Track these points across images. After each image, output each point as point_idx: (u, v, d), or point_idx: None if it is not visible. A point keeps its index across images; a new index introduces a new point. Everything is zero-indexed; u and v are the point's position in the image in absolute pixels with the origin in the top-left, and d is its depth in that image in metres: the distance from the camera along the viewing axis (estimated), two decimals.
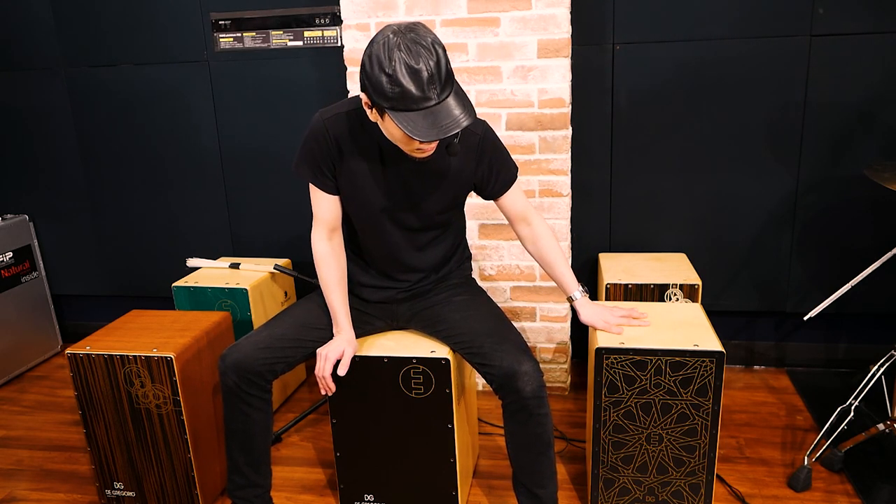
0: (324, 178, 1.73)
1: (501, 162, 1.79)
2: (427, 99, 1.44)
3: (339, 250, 1.83)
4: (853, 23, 2.37)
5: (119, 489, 2.06)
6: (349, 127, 1.68)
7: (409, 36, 1.44)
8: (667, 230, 2.67)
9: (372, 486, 1.96)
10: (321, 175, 1.72)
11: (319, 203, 1.77)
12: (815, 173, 2.52)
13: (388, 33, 1.45)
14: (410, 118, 1.45)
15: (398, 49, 1.42)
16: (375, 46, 1.45)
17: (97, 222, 3.10)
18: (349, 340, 1.80)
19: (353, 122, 1.68)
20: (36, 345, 3.14)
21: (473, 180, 1.79)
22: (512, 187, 1.82)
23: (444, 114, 1.46)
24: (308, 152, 1.71)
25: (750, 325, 2.78)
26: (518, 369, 1.65)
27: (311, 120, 1.70)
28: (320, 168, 1.71)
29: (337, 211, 1.79)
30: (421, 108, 1.45)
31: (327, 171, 1.72)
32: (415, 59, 1.42)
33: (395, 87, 1.43)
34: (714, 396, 1.74)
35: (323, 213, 1.78)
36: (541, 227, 1.88)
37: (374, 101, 1.49)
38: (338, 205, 1.78)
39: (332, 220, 1.79)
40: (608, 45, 2.53)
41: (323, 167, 1.71)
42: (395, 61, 1.42)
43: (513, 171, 1.82)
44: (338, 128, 1.68)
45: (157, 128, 2.92)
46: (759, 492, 2.04)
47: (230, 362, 1.72)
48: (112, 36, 2.85)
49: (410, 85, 1.42)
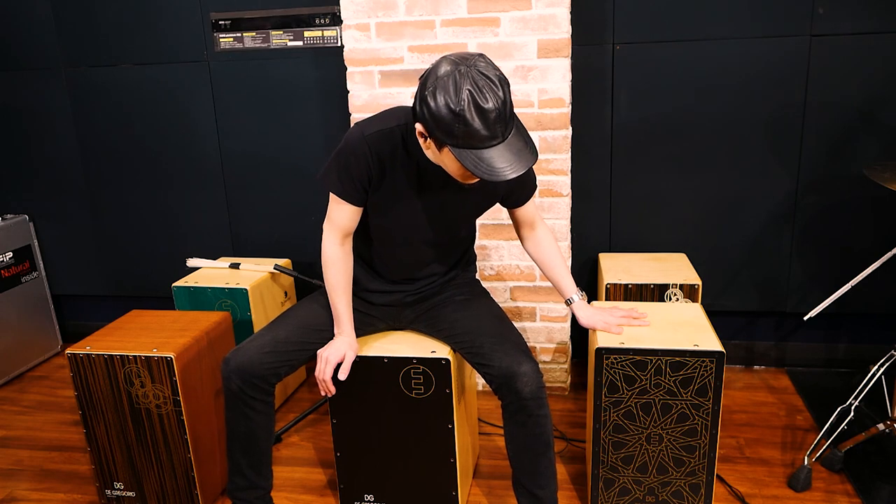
0: (354, 192, 1.69)
1: (528, 175, 1.80)
2: (493, 138, 1.43)
3: (349, 255, 1.81)
4: (853, 23, 2.37)
5: (119, 489, 2.06)
6: (391, 145, 1.65)
7: (476, 71, 1.41)
8: (667, 230, 2.67)
9: (372, 486, 1.96)
10: (352, 188, 1.68)
11: (341, 212, 1.73)
12: (815, 173, 2.52)
13: (452, 66, 1.42)
14: (475, 156, 1.43)
15: (467, 85, 1.39)
16: (440, 80, 1.41)
17: (97, 222, 3.10)
18: (350, 343, 1.79)
19: (395, 140, 1.65)
20: (36, 345, 3.14)
21: (503, 194, 1.80)
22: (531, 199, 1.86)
23: (507, 151, 1.44)
24: (343, 166, 1.66)
25: (750, 325, 2.78)
26: (517, 370, 1.65)
27: (350, 134, 1.65)
28: (353, 183, 1.67)
29: (357, 220, 1.75)
30: (486, 146, 1.43)
31: (360, 186, 1.68)
32: (483, 97, 1.39)
33: (462, 127, 1.40)
34: (714, 396, 1.74)
35: (342, 221, 1.74)
36: (544, 231, 1.91)
37: (433, 135, 1.46)
38: (359, 215, 1.75)
39: (350, 227, 1.76)
40: (608, 45, 2.53)
41: (356, 182, 1.67)
42: (464, 101, 1.39)
43: (534, 184, 1.85)
44: (380, 145, 1.64)
45: (157, 128, 2.92)
46: (759, 492, 2.04)
47: (234, 366, 1.71)
48: (112, 36, 2.85)
49: (479, 125, 1.40)
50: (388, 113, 1.69)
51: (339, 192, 1.69)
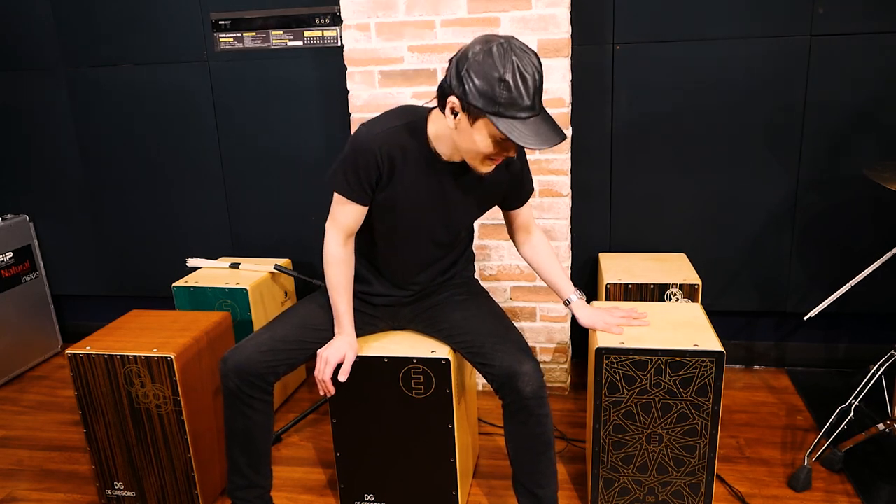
0: (361, 192, 1.69)
1: (526, 176, 1.84)
2: (532, 108, 1.46)
3: (351, 256, 1.81)
4: (853, 23, 2.37)
5: (119, 489, 2.06)
6: (399, 143, 1.66)
7: (517, 44, 1.46)
8: (667, 230, 2.67)
9: (372, 486, 1.96)
10: (360, 189, 1.68)
11: (346, 212, 1.73)
12: (815, 173, 2.52)
13: (493, 40, 1.46)
14: (515, 126, 1.45)
15: (512, 56, 1.43)
16: (482, 53, 1.45)
17: (97, 222, 3.10)
18: (350, 343, 1.79)
19: (402, 138, 1.66)
20: (36, 345, 3.14)
21: (504, 194, 1.82)
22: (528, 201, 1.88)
23: (542, 125, 1.47)
24: (352, 167, 1.66)
25: (750, 325, 2.78)
26: (519, 369, 1.65)
27: (358, 134, 1.66)
28: (361, 183, 1.67)
29: (360, 220, 1.76)
30: (526, 116, 1.46)
31: (367, 187, 1.69)
32: (525, 67, 1.44)
33: (506, 93, 1.43)
34: (714, 396, 1.74)
35: (346, 221, 1.74)
36: (539, 235, 1.94)
37: (471, 106, 1.47)
38: (363, 215, 1.75)
39: (354, 227, 1.76)
40: (608, 45, 2.53)
41: (364, 183, 1.67)
42: (510, 65, 1.43)
43: (531, 186, 1.87)
44: (389, 143, 1.65)
45: (157, 128, 2.92)
46: (759, 492, 2.04)
47: (232, 365, 1.71)
48: (112, 36, 2.84)
49: (522, 92, 1.44)
50: (392, 112, 1.70)
51: (346, 191, 1.69)
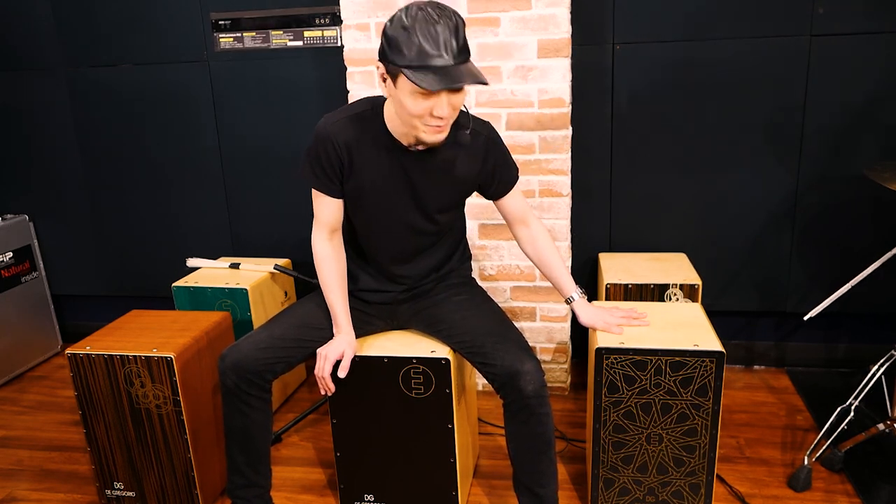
0: (329, 183, 1.74)
1: (504, 163, 1.82)
2: (441, 57, 1.46)
3: (339, 250, 1.83)
4: (853, 23, 2.37)
5: (119, 489, 2.06)
6: (356, 130, 1.69)
7: (432, 4, 1.49)
8: (667, 230, 2.67)
9: (372, 486, 1.96)
10: (326, 180, 1.73)
11: (322, 206, 1.77)
12: (815, 173, 2.52)
13: (412, 6, 1.50)
14: (427, 75, 1.46)
15: (420, 10, 1.47)
16: (398, 13, 1.50)
17: (97, 222, 3.10)
18: (349, 341, 1.80)
19: (359, 125, 1.69)
20: (36, 345, 3.14)
21: (478, 181, 1.81)
22: (512, 189, 1.85)
23: (457, 74, 1.47)
24: (314, 158, 1.71)
25: (750, 325, 2.78)
26: (520, 368, 1.65)
27: (317, 126, 1.70)
28: (326, 174, 1.72)
29: (339, 213, 1.80)
30: (437, 65, 1.46)
31: (333, 177, 1.73)
32: (433, 22, 1.46)
33: (413, 43, 1.45)
34: (714, 396, 1.74)
35: (325, 216, 1.78)
36: (538, 230, 1.90)
37: (390, 64, 1.50)
38: (340, 207, 1.79)
39: (334, 221, 1.80)
40: (608, 45, 2.53)
41: (329, 173, 1.72)
42: (415, 19, 1.46)
43: (514, 173, 1.85)
44: (345, 132, 1.69)
45: (157, 128, 2.92)
46: (759, 492, 2.04)
47: (229, 362, 1.72)
48: (112, 36, 2.85)
49: (428, 41, 1.45)
50: (356, 101, 1.74)
51: (315, 182, 1.74)
